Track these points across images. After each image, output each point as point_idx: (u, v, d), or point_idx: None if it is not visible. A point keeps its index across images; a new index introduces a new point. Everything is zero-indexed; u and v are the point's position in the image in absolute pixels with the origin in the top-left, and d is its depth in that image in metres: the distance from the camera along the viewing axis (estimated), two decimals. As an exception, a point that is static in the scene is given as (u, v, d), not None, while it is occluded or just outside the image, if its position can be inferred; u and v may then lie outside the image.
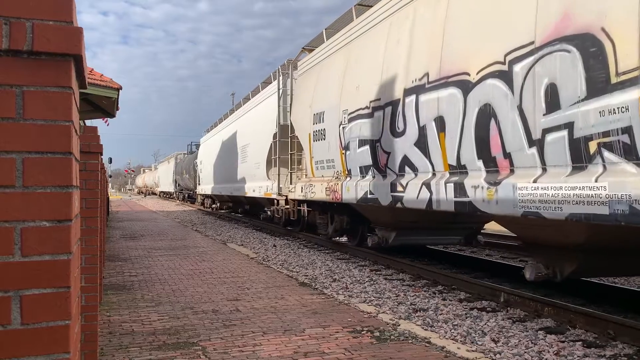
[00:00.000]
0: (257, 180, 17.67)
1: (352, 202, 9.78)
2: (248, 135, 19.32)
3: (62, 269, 1.03)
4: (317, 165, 11.65)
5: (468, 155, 6.54)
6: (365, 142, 9.23)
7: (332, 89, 10.78)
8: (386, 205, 8.40)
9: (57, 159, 1.03)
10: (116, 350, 4.42)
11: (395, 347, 4.55)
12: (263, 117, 17.02)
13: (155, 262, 9.48)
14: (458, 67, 6.71)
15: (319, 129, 11.41)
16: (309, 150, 12.05)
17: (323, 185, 11.00)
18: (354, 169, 9.78)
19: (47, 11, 1.01)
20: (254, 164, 18.13)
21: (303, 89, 13.06)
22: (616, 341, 5.02)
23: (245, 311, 5.81)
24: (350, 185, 9.70)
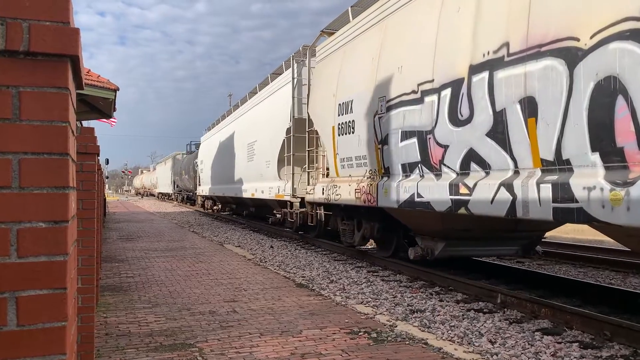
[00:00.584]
0: (266, 181, 16.17)
1: (391, 207, 8.23)
2: (256, 131, 17.75)
3: (59, 270, 1.03)
4: (342, 164, 10.14)
5: (575, 146, 5.05)
6: (411, 134, 7.68)
7: (364, 73, 9.26)
8: (442, 211, 6.90)
9: (54, 160, 1.03)
10: (113, 352, 4.41)
11: (392, 349, 4.55)
12: (274, 110, 15.59)
13: (152, 264, 9.46)
14: (558, 30, 5.20)
15: (345, 121, 9.88)
16: (333, 146, 10.50)
17: (351, 187, 9.57)
18: (394, 166, 8.22)
19: (43, 11, 1.01)
20: (263, 163, 16.57)
21: (324, 77, 11.41)
22: (612, 342, 5.03)
23: (242, 312, 5.80)
24: (390, 187, 8.18)
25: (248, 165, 18.65)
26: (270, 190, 15.57)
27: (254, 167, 17.80)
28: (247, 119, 19.59)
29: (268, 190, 15.79)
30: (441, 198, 6.92)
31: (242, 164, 19.68)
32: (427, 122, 7.32)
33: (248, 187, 18.50)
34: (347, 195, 9.80)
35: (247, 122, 19.47)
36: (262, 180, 16.62)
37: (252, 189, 17.88)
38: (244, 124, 20.10)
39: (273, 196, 15.19)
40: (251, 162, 18.22)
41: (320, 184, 11.42)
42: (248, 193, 18.44)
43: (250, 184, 18.22)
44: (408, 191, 7.70)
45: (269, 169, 15.77)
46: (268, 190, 15.78)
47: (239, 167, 20.15)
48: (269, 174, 15.81)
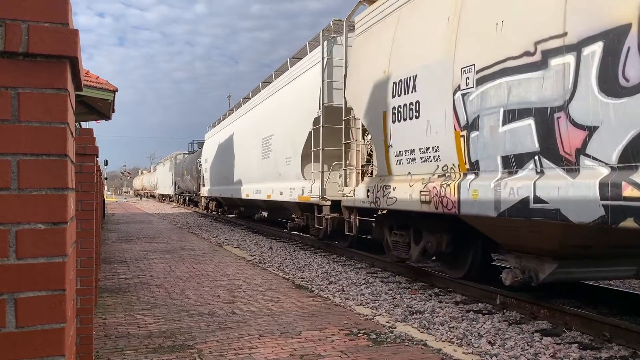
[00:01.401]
0: (285, 180, 13.96)
1: (482, 216, 6.11)
2: (272, 124, 15.45)
3: (57, 271, 1.03)
4: (398, 158, 7.99)
5: None
6: (522, 114, 5.58)
7: (434, 38, 7.17)
8: (587, 223, 4.84)
9: (53, 161, 1.03)
10: (112, 353, 4.41)
11: (392, 350, 4.55)
12: (296, 99, 13.34)
13: (151, 265, 9.45)
14: None
15: (404, 103, 7.71)
16: (384, 136, 8.34)
17: (413, 187, 7.49)
18: (488, 160, 6.10)
19: (42, 13, 1.01)
20: (281, 160, 14.36)
21: (368, 52, 9.33)
22: (612, 343, 5.03)
23: (242, 314, 5.80)
24: (482, 188, 6.06)
25: (262, 163, 16.40)
26: (291, 191, 13.36)
27: (270, 166, 15.55)
28: (262, 111, 17.14)
29: (288, 192, 13.59)
30: (584, 204, 4.90)
31: (254, 162, 17.35)
32: (553, 95, 5.30)
33: (262, 187, 16.27)
34: (405, 199, 7.69)
35: (262, 114, 17.06)
36: (280, 180, 14.45)
37: (267, 190, 15.64)
38: (257, 117, 17.67)
39: (295, 198, 12.95)
40: (266, 159, 15.94)
41: (363, 184, 9.32)
42: (262, 195, 16.21)
43: (265, 184, 15.95)
44: (516, 194, 5.57)
45: (290, 167, 13.64)
46: (288, 191, 13.59)
47: (251, 165, 17.73)
48: (290, 173, 13.68)
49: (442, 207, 6.80)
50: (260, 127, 16.96)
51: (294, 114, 13.42)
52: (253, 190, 17.46)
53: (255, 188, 17.24)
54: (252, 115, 18.47)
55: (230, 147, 21.76)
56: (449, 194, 6.66)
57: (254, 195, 17.39)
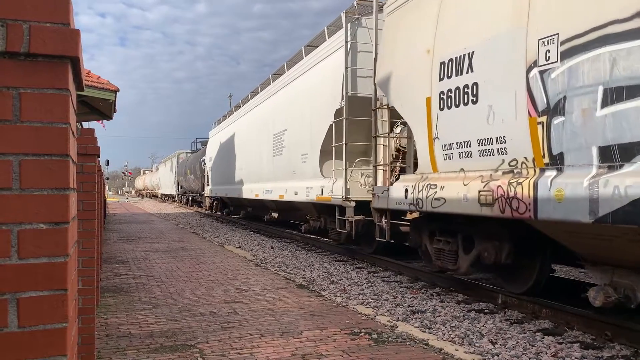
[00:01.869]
0: (301, 179, 12.65)
1: (571, 221, 4.94)
2: (286, 118, 14.17)
3: (59, 271, 1.03)
4: (448, 152, 6.76)
5: None
6: (634, 92, 4.46)
7: (496, 6, 6.01)
8: None
9: (54, 161, 1.03)
10: (113, 353, 4.41)
11: (393, 349, 4.55)
12: (314, 89, 12.10)
13: (152, 265, 9.46)
14: None
15: (457, 86, 6.47)
16: (427, 127, 7.13)
17: (469, 186, 6.20)
18: (578, 152, 4.96)
19: (44, 13, 1.01)
20: (296, 157, 13.05)
21: (405, 30, 7.97)
22: (613, 342, 5.03)
23: (243, 313, 5.80)
24: (571, 186, 4.89)
25: (274, 160, 15.16)
26: (307, 191, 12.01)
27: (283, 163, 14.29)
28: (272, 105, 15.80)
29: (304, 191, 12.24)
30: None
31: (265, 160, 16.10)
32: None
33: (273, 187, 15.01)
34: (457, 200, 6.40)
35: (272, 108, 15.71)
36: (294, 179, 13.17)
37: (279, 190, 14.38)
38: (267, 112, 16.37)
39: (312, 198, 11.65)
40: (278, 156, 14.74)
41: (400, 183, 7.94)
42: (273, 194, 14.95)
43: (276, 183, 14.77)
44: (623, 194, 4.39)
45: (307, 165, 12.33)
46: (305, 191, 12.23)
47: (261, 163, 16.51)
48: (306, 171, 12.38)
49: (511, 211, 5.55)
50: (271, 122, 15.65)
51: (311, 107, 12.14)
52: (263, 190, 16.16)
53: (265, 187, 15.93)
54: (262, 110, 17.17)
55: (237, 145, 20.43)
56: (521, 194, 5.44)
57: (263, 195, 16.07)
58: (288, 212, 15.78)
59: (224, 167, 22.85)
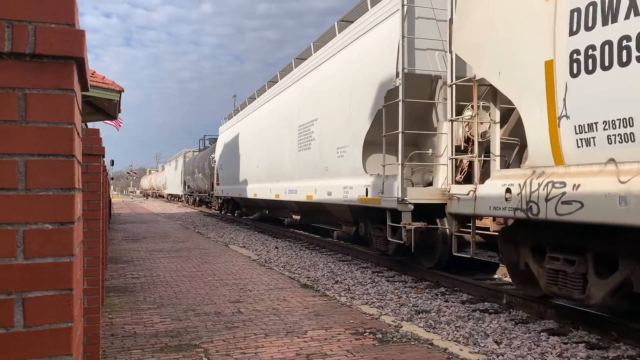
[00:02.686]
0: (336, 177, 10.64)
1: None
2: (314, 106, 12.01)
3: (65, 271, 1.03)
4: (586, 136, 4.90)
5: None
6: None
7: None
8: None
9: (60, 162, 1.04)
10: (118, 352, 4.43)
11: (398, 349, 4.54)
12: (354, 69, 10.03)
13: (157, 264, 9.48)
14: None
15: (608, 39, 4.62)
16: (548, 101, 5.29)
17: (630, 184, 4.40)
18: None
19: (49, 14, 1.01)
20: (330, 151, 10.94)
21: None
22: (619, 343, 5.00)
23: (247, 313, 5.81)
24: None
25: (299, 156, 13.11)
26: (346, 191, 9.97)
27: (311, 159, 12.21)
28: (297, 92, 13.63)
29: (341, 192, 10.16)
30: None
31: (288, 156, 14.06)
32: None
33: (298, 186, 13.06)
34: (607, 204, 4.55)
35: (297, 96, 13.51)
36: (327, 177, 11.18)
37: (306, 190, 12.40)
38: (290, 101, 14.21)
39: (352, 200, 9.65)
40: (305, 151, 12.61)
41: (498, 180, 6.10)
42: (299, 195, 13.02)
43: (303, 182, 12.80)
44: None
45: (344, 160, 10.27)
46: (341, 191, 10.17)
47: (283, 160, 14.55)
48: (344, 167, 10.31)
49: None
50: (295, 112, 13.47)
51: (351, 90, 9.99)
52: (285, 190, 14.10)
53: (287, 187, 13.93)
54: (283, 99, 14.98)
55: (252, 141, 18.27)
56: None
57: (286, 195, 14.06)
58: (314, 214, 13.90)
59: (237, 165, 20.72)
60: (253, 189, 17.89)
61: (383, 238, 9.16)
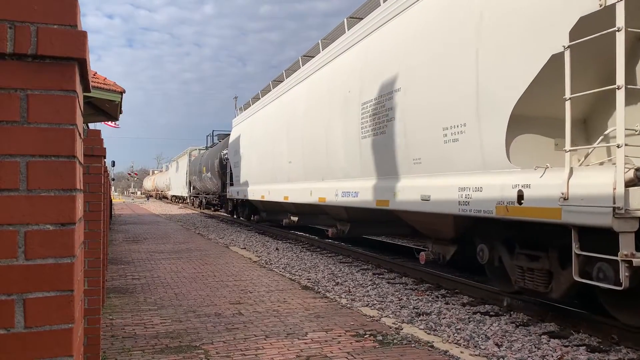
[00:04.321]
0: (439, 172, 7.03)
1: None
2: (398, 69, 8.10)
3: (66, 272, 1.03)
4: None
5: None
6: None
7: None
8: None
9: (61, 163, 1.04)
10: (119, 354, 4.42)
11: (398, 351, 4.54)
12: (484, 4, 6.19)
13: (157, 266, 9.48)
14: None
15: None
16: None
17: None
18: None
19: (51, 15, 1.01)
20: (429, 133, 7.22)
21: None
22: (620, 346, 4.99)
23: (248, 315, 5.80)
24: None
25: (363, 145, 9.34)
26: (466, 194, 6.35)
27: (385, 147, 8.51)
28: (358, 56, 9.93)
29: (455, 195, 6.54)
30: None
31: (341, 146, 10.36)
32: None
33: (361, 186, 9.44)
34: None
35: (359, 62, 9.80)
36: (417, 173, 7.58)
37: (376, 191, 8.84)
38: (345, 71, 10.43)
39: (487, 209, 5.93)
40: (374, 137, 8.87)
41: None
42: (360, 198, 9.40)
43: (367, 180, 9.25)
44: None
45: (460, 145, 6.59)
46: (455, 193, 6.55)
47: (333, 151, 10.86)
48: (459, 156, 6.63)
49: None
50: (355, 85, 9.79)
51: (480, 32, 6.20)
52: (335, 192, 10.57)
53: (339, 188, 10.41)
54: (329, 72, 11.47)
55: (280, 130, 14.82)
56: None
57: (338, 198, 10.43)
58: (377, 225, 10.95)
59: (258, 161, 17.32)
60: (282, 190, 14.44)
61: (542, 273, 5.66)
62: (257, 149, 17.58)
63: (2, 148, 0.99)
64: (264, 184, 16.47)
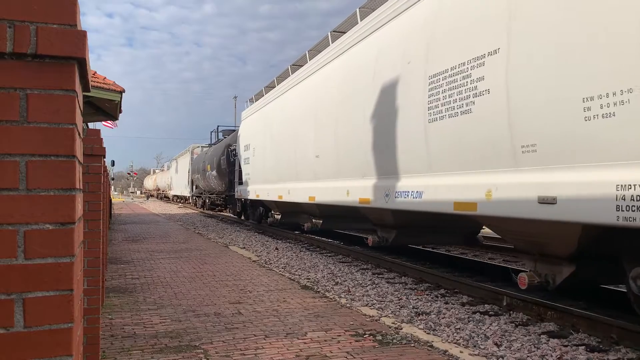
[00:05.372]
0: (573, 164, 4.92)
1: None
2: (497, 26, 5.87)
3: (65, 271, 1.03)
4: None
5: None
6: None
7: None
8: None
9: (61, 162, 1.04)
10: (118, 353, 4.42)
11: (398, 351, 4.54)
12: None
13: (157, 265, 9.48)
14: None
15: None
16: None
17: None
18: None
19: (51, 14, 1.01)
20: (554, 107, 5.09)
21: None
22: (619, 345, 5.00)
23: (247, 314, 5.80)
24: None
25: (432, 130, 7.18)
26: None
27: (469, 132, 6.43)
28: (420, 16, 7.76)
29: (608, 195, 4.43)
30: None
31: (401, 133, 7.99)
32: None
33: (429, 183, 7.29)
34: None
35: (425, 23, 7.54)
36: (526, 166, 5.54)
37: (448, 190, 6.82)
38: (400, 37, 8.30)
39: None
40: (455, 118, 6.66)
41: None
42: (432, 198, 7.21)
43: (438, 177, 7.14)
44: None
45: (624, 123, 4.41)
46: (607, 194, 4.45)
47: (385, 142, 8.51)
48: (620, 139, 4.46)
49: None
50: (417, 51, 7.59)
51: None
52: (386, 191, 8.48)
53: (394, 186, 8.23)
54: (375, 42, 9.31)
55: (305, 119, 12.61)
56: None
57: (388, 199, 8.40)
58: (429, 232, 9.31)
59: (276, 156, 15.17)
60: (306, 189, 12.43)
61: None
62: (273, 143, 15.41)
63: (1, 147, 0.99)
64: (282, 182, 14.41)
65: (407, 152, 7.86)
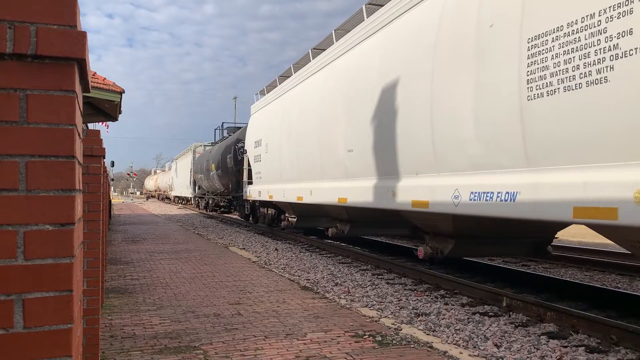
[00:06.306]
0: None
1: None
2: None
3: (65, 272, 1.03)
4: None
5: None
6: None
7: None
8: None
9: (60, 163, 1.04)
10: (118, 354, 4.42)
11: (397, 352, 4.53)
12: None
13: (156, 266, 9.48)
14: None
15: None
16: None
17: None
18: None
19: (51, 15, 1.01)
20: None
21: None
22: (619, 346, 5.00)
23: (247, 315, 5.80)
24: None
25: (533, 110, 5.44)
26: None
27: (605, 108, 4.67)
28: None
29: None
30: None
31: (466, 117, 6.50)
32: None
33: (529, 182, 5.51)
34: None
35: None
36: None
37: (565, 191, 5.05)
38: None
39: None
40: (576, 92, 4.94)
41: None
42: (533, 198, 5.41)
43: (544, 172, 5.37)
44: None
45: None
46: None
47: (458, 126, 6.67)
48: None
49: None
50: (509, 7, 5.81)
51: None
52: (455, 191, 6.71)
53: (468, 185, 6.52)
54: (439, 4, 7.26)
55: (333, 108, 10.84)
56: None
57: (460, 201, 6.60)
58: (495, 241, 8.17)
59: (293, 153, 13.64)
60: (335, 189, 10.76)
61: None
62: (291, 137, 13.68)
63: (1, 148, 0.99)
64: (303, 181, 12.74)
65: (489, 141, 6.20)
